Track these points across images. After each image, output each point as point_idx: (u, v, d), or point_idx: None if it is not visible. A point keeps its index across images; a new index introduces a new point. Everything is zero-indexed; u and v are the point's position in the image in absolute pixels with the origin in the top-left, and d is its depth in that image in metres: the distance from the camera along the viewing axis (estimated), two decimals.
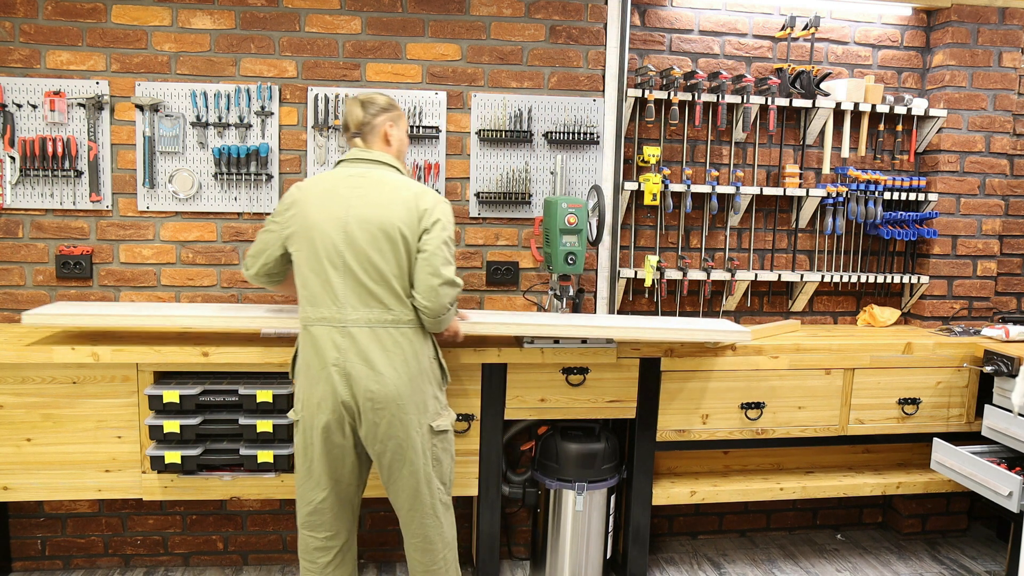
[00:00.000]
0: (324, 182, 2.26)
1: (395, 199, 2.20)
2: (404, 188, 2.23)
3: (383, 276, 2.17)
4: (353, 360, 2.16)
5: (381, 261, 2.17)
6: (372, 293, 2.17)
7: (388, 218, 2.17)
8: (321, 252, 2.18)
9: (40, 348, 2.51)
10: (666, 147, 3.28)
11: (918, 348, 3.06)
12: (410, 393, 2.20)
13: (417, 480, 2.27)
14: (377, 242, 2.16)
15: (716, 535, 3.55)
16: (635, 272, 3.21)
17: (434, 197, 2.26)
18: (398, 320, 2.20)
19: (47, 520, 3.06)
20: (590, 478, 2.89)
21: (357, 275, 2.16)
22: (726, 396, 2.95)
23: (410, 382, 2.20)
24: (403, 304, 2.20)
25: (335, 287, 2.17)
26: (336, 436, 2.22)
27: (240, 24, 2.94)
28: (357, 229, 2.16)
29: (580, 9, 3.09)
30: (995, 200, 3.43)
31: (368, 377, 2.16)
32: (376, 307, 2.18)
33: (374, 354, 2.17)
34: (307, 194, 2.25)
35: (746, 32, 3.31)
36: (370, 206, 2.18)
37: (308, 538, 2.34)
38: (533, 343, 2.74)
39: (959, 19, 3.30)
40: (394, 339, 2.19)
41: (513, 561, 3.26)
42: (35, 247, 2.94)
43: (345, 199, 2.20)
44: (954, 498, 3.57)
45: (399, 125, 2.37)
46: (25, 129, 2.88)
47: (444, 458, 2.34)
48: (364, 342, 2.17)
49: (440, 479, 2.33)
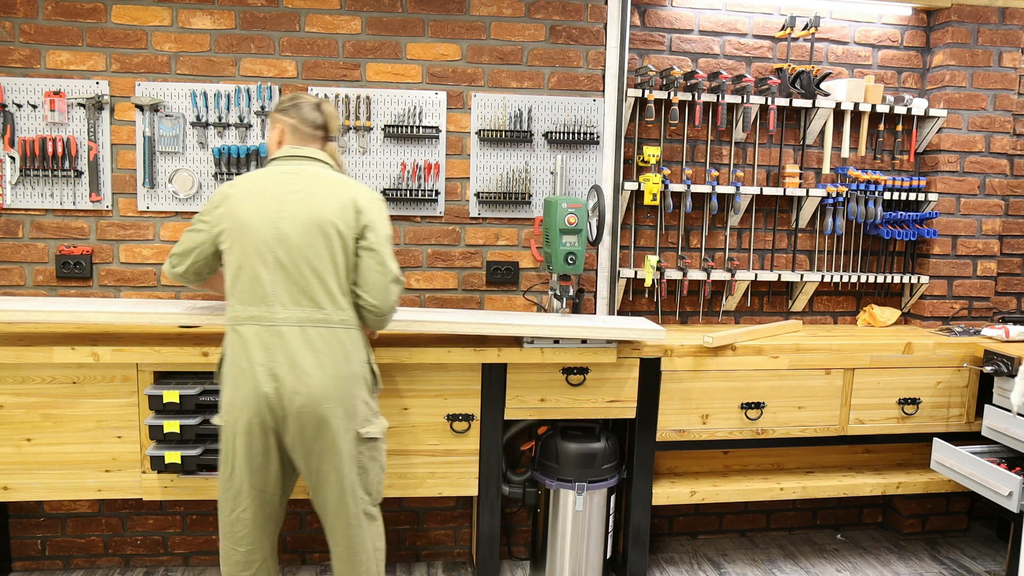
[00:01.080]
0: (256, 179, 2.21)
1: (330, 195, 2.16)
2: (339, 185, 2.20)
3: (316, 273, 2.11)
4: (280, 361, 2.08)
5: (314, 258, 2.11)
6: (304, 291, 2.10)
7: (322, 214, 2.12)
8: (251, 249, 2.12)
9: (40, 348, 2.51)
10: (666, 147, 3.28)
11: (918, 348, 3.06)
12: (339, 396, 2.12)
13: (342, 488, 2.18)
14: (310, 239, 2.11)
15: (716, 535, 3.55)
16: (635, 272, 3.21)
17: (370, 194, 2.23)
18: (329, 320, 2.12)
19: (47, 520, 3.06)
20: (590, 478, 2.89)
21: (289, 272, 2.10)
22: (726, 396, 2.95)
23: (339, 385, 2.12)
24: (335, 303, 2.13)
25: (265, 285, 2.10)
26: (259, 441, 2.12)
27: (240, 24, 2.94)
28: (289, 226, 2.11)
29: (580, 9, 3.09)
30: (995, 200, 3.43)
31: (295, 378, 2.08)
32: (307, 306, 2.11)
33: (302, 354, 2.09)
34: (238, 191, 2.19)
35: (746, 32, 3.31)
36: (303, 202, 2.13)
37: (230, 549, 2.23)
38: (533, 343, 2.74)
39: (959, 19, 3.30)
40: (325, 339, 2.11)
41: (513, 561, 3.26)
42: (35, 247, 2.94)
43: (278, 196, 2.15)
44: (954, 498, 3.57)
45: None
46: (25, 129, 2.88)
47: (371, 467, 2.24)
48: (293, 342, 2.09)
49: (365, 488, 2.23)
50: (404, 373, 2.71)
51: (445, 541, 3.28)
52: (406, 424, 2.74)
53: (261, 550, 2.25)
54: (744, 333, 3.01)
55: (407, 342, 2.69)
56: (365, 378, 2.21)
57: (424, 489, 2.79)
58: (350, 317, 2.16)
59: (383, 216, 2.23)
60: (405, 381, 2.72)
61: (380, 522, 2.33)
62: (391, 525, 3.23)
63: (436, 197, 3.08)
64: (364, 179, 3.06)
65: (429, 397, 2.74)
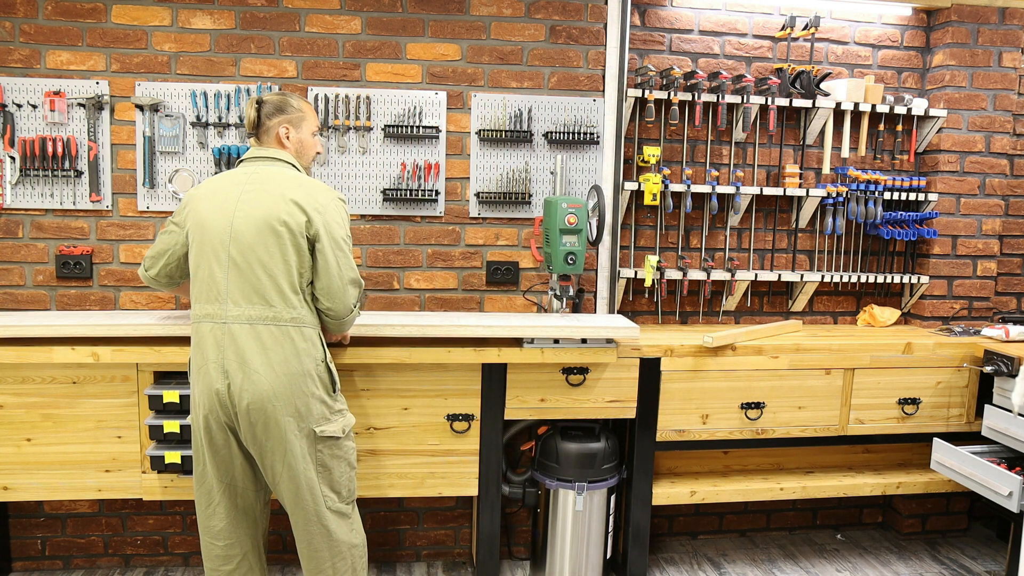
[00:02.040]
0: (218, 180, 2.24)
1: (284, 195, 2.15)
2: (296, 185, 2.19)
3: (268, 272, 2.12)
4: (231, 358, 2.10)
5: (266, 257, 2.11)
6: (256, 289, 2.11)
7: (275, 213, 2.12)
8: (208, 248, 2.15)
9: (40, 348, 2.51)
10: (666, 147, 3.28)
11: (918, 348, 3.06)
12: (288, 395, 2.12)
13: (297, 485, 2.19)
14: (262, 237, 2.11)
15: (716, 535, 3.55)
16: (635, 272, 3.21)
17: (326, 195, 2.21)
18: (279, 318, 2.13)
19: (47, 520, 3.06)
20: (590, 478, 2.89)
21: (241, 271, 2.11)
22: (726, 396, 2.95)
23: (289, 383, 2.12)
24: (287, 302, 2.13)
25: (218, 283, 2.13)
26: (219, 436, 2.18)
27: (240, 24, 2.94)
28: (243, 225, 2.12)
29: (580, 9, 3.09)
30: (995, 200, 3.43)
31: (244, 376, 2.10)
32: (259, 304, 2.11)
33: (252, 352, 2.10)
34: (201, 192, 2.23)
35: (746, 32, 3.31)
36: (257, 202, 2.14)
37: (209, 544, 2.28)
38: (533, 343, 2.73)
39: (959, 19, 3.30)
40: (275, 337, 2.12)
41: (513, 561, 3.26)
42: (35, 247, 2.94)
43: (235, 196, 2.16)
44: (954, 498, 3.57)
45: (300, 127, 2.32)
46: (25, 129, 2.88)
47: (335, 465, 2.24)
48: (243, 340, 2.11)
49: (330, 487, 2.24)
50: (404, 373, 2.71)
51: (445, 541, 3.28)
52: (406, 424, 2.74)
53: (240, 545, 2.29)
54: (744, 333, 3.01)
55: (407, 342, 2.69)
56: (320, 377, 2.19)
57: (424, 489, 2.79)
58: (302, 316, 2.16)
59: (339, 217, 2.21)
60: (405, 381, 2.72)
61: (355, 519, 2.33)
62: (391, 525, 3.23)
63: (436, 197, 3.08)
64: (364, 179, 3.06)
65: (429, 397, 2.74)
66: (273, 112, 2.28)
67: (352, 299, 2.21)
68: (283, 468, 2.17)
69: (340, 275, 2.17)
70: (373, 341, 2.67)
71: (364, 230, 3.09)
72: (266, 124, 2.28)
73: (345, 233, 2.21)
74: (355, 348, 2.64)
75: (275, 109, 2.28)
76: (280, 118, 2.28)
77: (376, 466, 2.75)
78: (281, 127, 2.28)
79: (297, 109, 2.31)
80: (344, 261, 2.18)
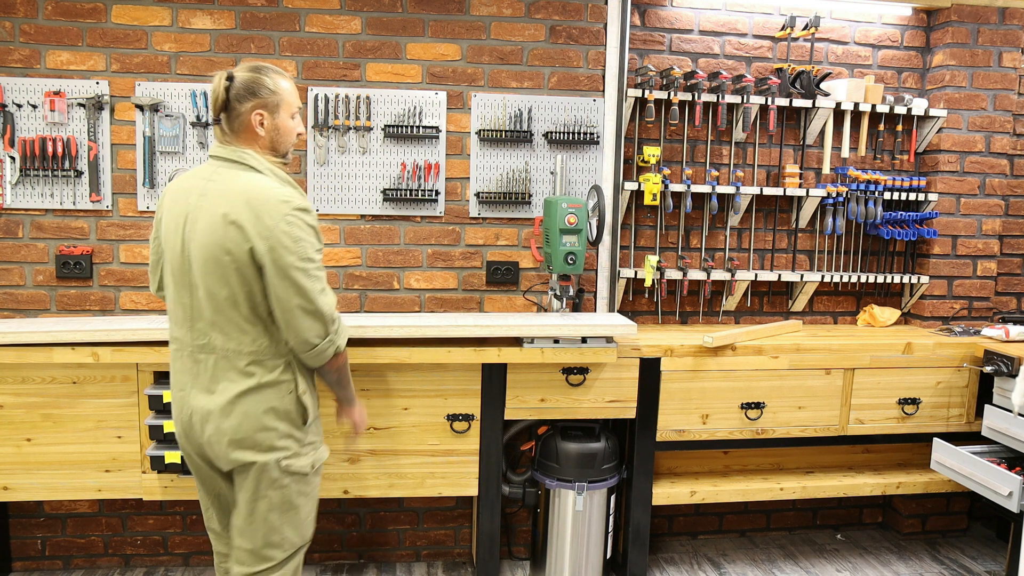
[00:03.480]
0: (180, 184, 1.97)
1: (227, 216, 1.84)
2: (244, 202, 1.85)
3: (221, 302, 1.88)
4: (191, 390, 1.95)
5: (217, 287, 1.87)
6: (214, 319, 1.90)
7: (218, 240, 1.84)
8: (169, 268, 1.97)
9: (40, 348, 2.51)
10: (666, 147, 3.28)
11: (918, 348, 3.06)
12: (250, 430, 1.91)
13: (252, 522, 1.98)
14: (209, 267, 1.86)
15: (716, 535, 3.55)
16: (635, 272, 3.21)
17: (276, 214, 1.84)
18: (238, 351, 1.90)
19: (47, 520, 3.06)
20: (590, 478, 2.89)
21: (200, 298, 1.90)
22: (726, 396, 2.95)
23: (248, 418, 1.91)
24: (244, 333, 1.90)
25: (182, 308, 1.94)
26: (196, 459, 2.04)
27: (240, 24, 2.94)
28: (194, 246, 1.88)
29: (580, 9, 3.09)
30: (995, 200, 3.43)
31: (205, 409, 1.92)
32: (217, 334, 1.90)
33: (213, 384, 1.92)
34: (164, 199, 2.01)
35: (746, 32, 3.31)
36: (204, 222, 1.86)
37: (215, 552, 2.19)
38: (533, 343, 2.73)
39: (959, 19, 3.30)
40: (236, 370, 1.91)
41: (513, 561, 3.26)
42: (35, 247, 2.94)
43: (188, 209, 1.91)
44: (954, 498, 3.57)
45: (277, 112, 1.96)
46: (25, 129, 2.88)
47: (302, 503, 2.02)
48: (205, 370, 1.92)
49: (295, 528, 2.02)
50: (404, 373, 2.71)
51: (445, 541, 3.28)
52: (406, 424, 2.74)
53: None
54: (744, 333, 3.01)
55: (407, 342, 2.69)
56: (287, 411, 1.96)
57: (424, 489, 2.79)
58: (262, 348, 1.92)
59: (289, 240, 1.84)
60: (405, 381, 2.72)
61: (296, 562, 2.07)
62: (391, 525, 3.23)
63: (436, 197, 3.08)
64: (364, 179, 3.06)
65: (429, 397, 2.74)
66: (244, 95, 1.91)
67: (309, 333, 1.89)
68: (242, 501, 1.98)
69: (288, 306, 1.86)
70: (373, 341, 2.67)
71: (364, 230, 3.09)
72: (236, 109, 1.92)
73: (298, 258, 1.85)
74: (355, 348, 2.63)
75: (246, 91, 1.91)
76: (252, 103, 1.92)
77: (376, 466, 2.75)
78: (254, 114, 1.93)
79: (272, 91, 1.93)
80: (292, 290, 1.85)
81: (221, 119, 1.94)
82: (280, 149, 2.01)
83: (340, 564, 3.20)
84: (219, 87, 1.90)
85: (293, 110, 2.00)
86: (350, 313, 3.06)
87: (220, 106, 1.92)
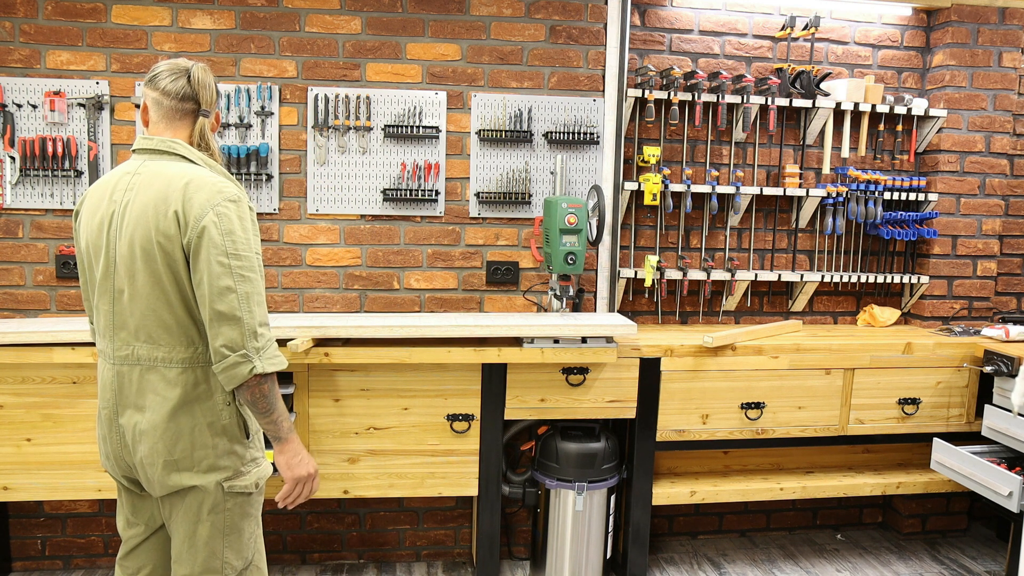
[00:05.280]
0: (104, 182, 1.82)
1: (161, 201, 1.69)
2: (177, 191, 1.69)
3: (151, 305, 1.71)
4: (113, 405, 1.77)
5: (149, 280, 1.70)
6: (141, 325, 1.72)
7: (149, 234, 1.68)
8: (89, 274, 1.83)
9: (40, 348, 2.51)
10: (666, 147, 3.28)
11: (918, 348, 3.06)
12: (187, 448, 1.74)
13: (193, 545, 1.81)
14: (144, 256, 1.69)
15: (716, 535, 3.55)
16: (635, 272, 3.21)
17: (207, 197, 1.68)
18: (168, 359, 1.73)
19: (47, 520, 3.06)
20: (590, 478, 2.89)
21: (125, 304, 1.73)
22: (726, 396, 2.95)
23: (179, 434, 1.73)
24: (175, 339, 1.73)
25: (104, 316, 1.77)
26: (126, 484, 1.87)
27: (240, 24, 2.94)
28: (122, 244, 1.72)
29: (580, 9, 3.09)
30: (995, 200, 3.43)
31: (133, 426, 1.75)
32: (145, 342, 1.73)
33: (140, 399, 1.74)
34: (85, 200, 1.85)
35: (746, 32, 3.31)
36: (131, 215, 1.71)
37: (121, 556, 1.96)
38: (533, 343, 2.73)
39: (959, 19, 3.30)
40: (166, 381, 1.73)
41: (513, 561, 3.26)
42: (35, 247, 2.94)
43: (113, 208, 1.75)
44: (954, 498, 3.57)
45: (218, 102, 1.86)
46: (25, 129, 2.88)
47: (245, 525, 1.84)
48: (131, 383, 1.75)
49: (238, 551, 1.83)
50: (404, 373, 2.71)
51: (445, 541, 3.28)
52: (406, 424, 2.74)
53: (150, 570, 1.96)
54: (744, 333, 3.01)
55: (407, 342, 2.69)
56: (225, 424, 1.78)
57: (424, 489, 2.79)
58: (194, 356, 1.74)
59: (222, 226, 1.68)
60: (405, 381, 2.72)
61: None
62: (391, 525, 3.23)
63: (436, 197, 3.08)
64: (364, 179, 3.06)
65: (429, 397, 2.74)
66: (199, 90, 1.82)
67: (220, 340, 1.65)
68: (179, 524, 1.80)
69: (205, 304, 1.67)
70: (373, 341, 2.67)
71: (364, 230, 3.09)
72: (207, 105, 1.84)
73: (223, 253, 1.67)
74: (355, 348, 2.64)
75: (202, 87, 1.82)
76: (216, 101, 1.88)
77: (376, 466, 2.75)
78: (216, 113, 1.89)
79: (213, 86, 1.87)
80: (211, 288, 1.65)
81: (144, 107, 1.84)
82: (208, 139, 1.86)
83: (340, 564, 3.20)
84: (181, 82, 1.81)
85: None
86: (350, 313, 3.06)
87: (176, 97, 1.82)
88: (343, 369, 2.67)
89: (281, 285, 3.06)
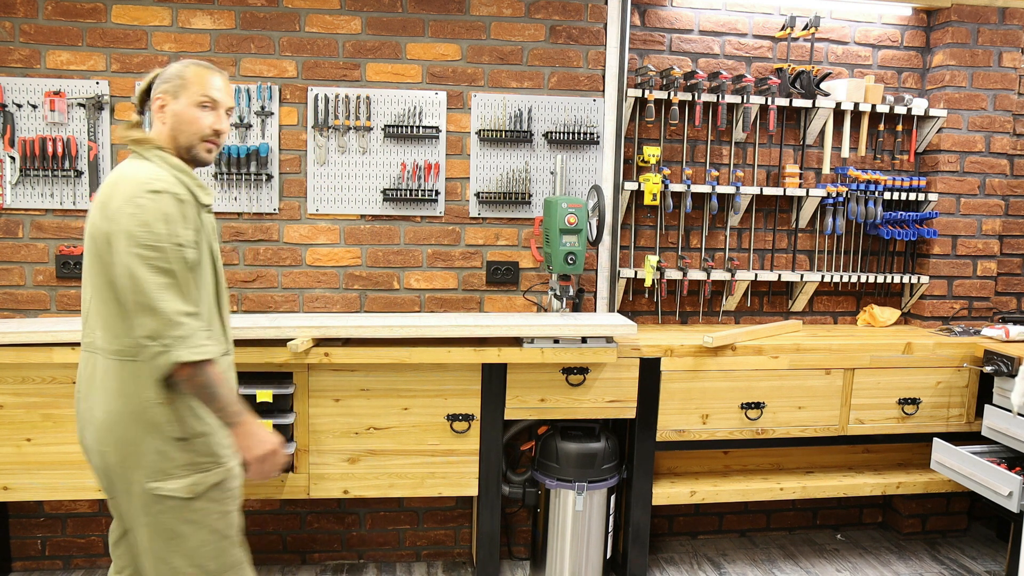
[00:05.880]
0: None
1: (101, 202, 1.76)
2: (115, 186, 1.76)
3: (99, 295, 1.77)
4: (79, 392, 1.85)
5: (93, 278, 1.78)
6: (95, 314, 1.79)
7: (96, 222, 1.76)
8: None
9: (40, 348, 2.51)
10: (666, 147, 3.28)
11: (918, 348, 3.06)
12: (116, 440, 1.75)
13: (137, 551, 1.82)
14: (90, 254, 1.78)
15: (716, 535, 3.55)
16: (635, 272, 3.21)
17: (130, 190, 1.72)
18: (107, 349, 1.76)
19: (47, 520, 3.06)
20: (590, 478, 2.89)
21: (88, 290, 1.81)
22: (726, 396, 2.95)
23: (116, 427, 1.75)
24: (110, 330, 1.76)
25: (83, 304, 1.85)
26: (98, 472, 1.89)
27: (240, 24, 2.94)
28: (87, 238, 1.80)
29: (580, 9, 3.09)
30: (995, 200, 3.43)
31: (85, 414, 1.82)
32: (97, 330, 1.79)
33: (91, 387, 1.80)
34: None
35: (746, 32, 3.31)
36: (92, 211, 1.80)
37: None
38: (533, 343, 2.73)
39: (959, 19, 3.30)
40: (105, 370, 1.77)
41: (513, 561, 3.26)
42: (35, 247, 2.94)
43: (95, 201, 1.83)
44: (954, 498, 3.57)
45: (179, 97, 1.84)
46: (25, 129, 2.88)
47: (189, 532, 1.77)
48: (86, 372, 1.82)
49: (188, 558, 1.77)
50: (404, 373, 2.71)
51: (445, 541, 3.28)
52: (406, 424, 2.74)
53: None
54: (744, 333, 3.01)
55: (407, 342, 2.69)
56: (156, 422, 1.75)
57: (424, 489, 2.79)
58: (129, 348, 1.74)
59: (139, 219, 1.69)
60: (405, 381, 2.72)
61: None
62: (391, 525, 3.23)
63: (436, 197, 3.08)
64: (364, 179, 3.06)
65: (429, 397, 2.74)
66: (157, 83, 1.87)
67: (141, 330, 1.68)
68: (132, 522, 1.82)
69: (125, 297, 1.70)
70: (373, 341, 2.67)
71: (364, 230, 3.09)
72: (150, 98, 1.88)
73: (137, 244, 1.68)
74: (355, 348, 2.64)
75: (159, 79, 1.87)
76: (159, 88, 1.85)
77: (376, 466, 2.75)
78: (156, 100, 1.85)
79: (178, 76, 1.84)
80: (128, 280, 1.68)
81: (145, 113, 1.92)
82: (180, 140, 1.85)
83: (340, 564, 3.20)
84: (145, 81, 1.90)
85: (198, 98, 1.84)
86: (350, 313, 3.06)
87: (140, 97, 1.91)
88: (343, 369, 2.67)
89: (281, 285, 3.06)
